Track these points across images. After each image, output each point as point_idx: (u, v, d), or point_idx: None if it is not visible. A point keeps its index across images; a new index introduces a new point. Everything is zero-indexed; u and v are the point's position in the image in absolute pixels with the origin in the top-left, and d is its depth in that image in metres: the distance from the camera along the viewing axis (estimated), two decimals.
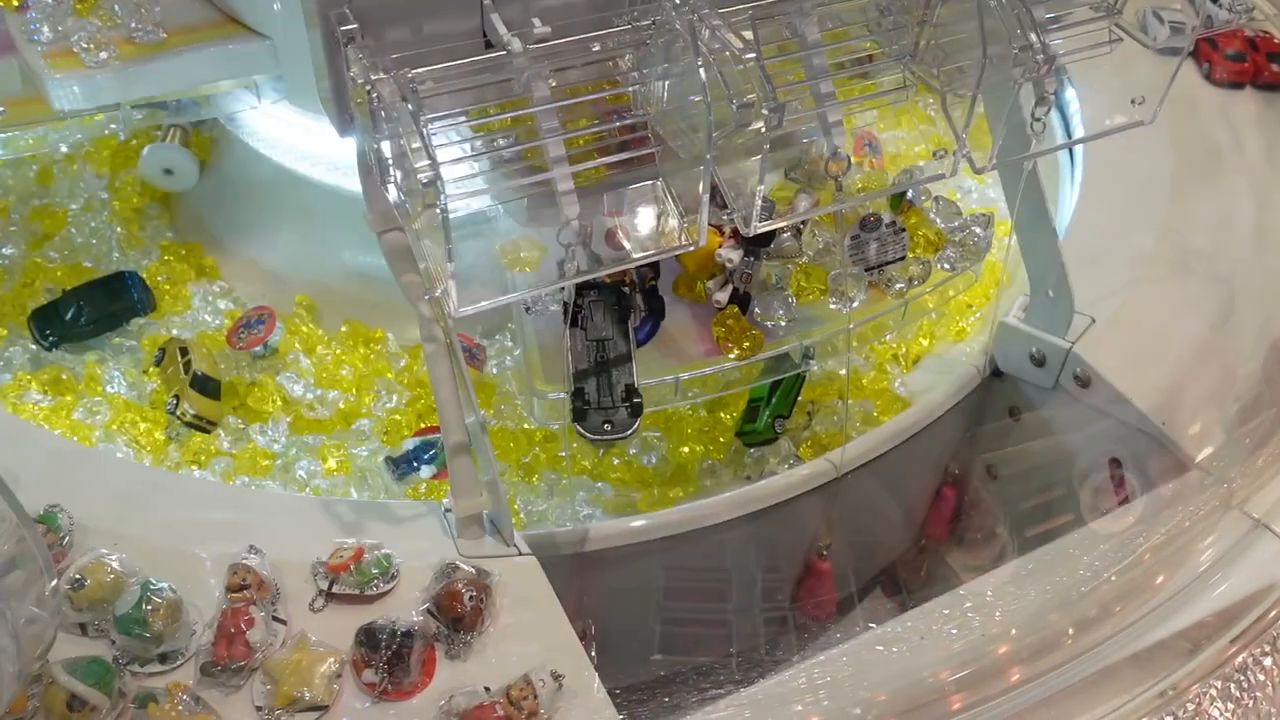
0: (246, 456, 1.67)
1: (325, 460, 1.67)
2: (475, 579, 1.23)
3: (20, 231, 1.93)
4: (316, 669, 1.16)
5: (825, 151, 1.32)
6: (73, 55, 1.50)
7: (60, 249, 1.91)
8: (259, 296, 1.89)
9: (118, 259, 1.90)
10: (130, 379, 1.74)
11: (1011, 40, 1.23)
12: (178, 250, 1.94)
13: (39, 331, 1.77)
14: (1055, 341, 1.64)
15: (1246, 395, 1.60)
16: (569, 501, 1.63)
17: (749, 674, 1.43)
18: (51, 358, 1.77)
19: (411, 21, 1.15)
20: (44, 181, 2.01)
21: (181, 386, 1.65)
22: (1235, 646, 1.30)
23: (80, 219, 1.97)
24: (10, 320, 1.80)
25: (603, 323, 1.38)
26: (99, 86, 1.53)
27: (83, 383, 1.73)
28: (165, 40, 1.55)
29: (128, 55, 1.52)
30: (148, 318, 1.82)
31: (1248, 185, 1.92)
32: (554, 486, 1.67)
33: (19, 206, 1.97)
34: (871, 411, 1.77)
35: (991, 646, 1.29)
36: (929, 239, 1.56)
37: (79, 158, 2.04)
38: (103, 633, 1.18)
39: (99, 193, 1.99)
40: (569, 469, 1.67)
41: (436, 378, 1.27)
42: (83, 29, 1.50)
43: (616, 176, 1.25)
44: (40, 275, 1.86)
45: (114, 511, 1.30)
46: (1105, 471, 1.61)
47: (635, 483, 1.69)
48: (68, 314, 1.76)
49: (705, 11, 1.12)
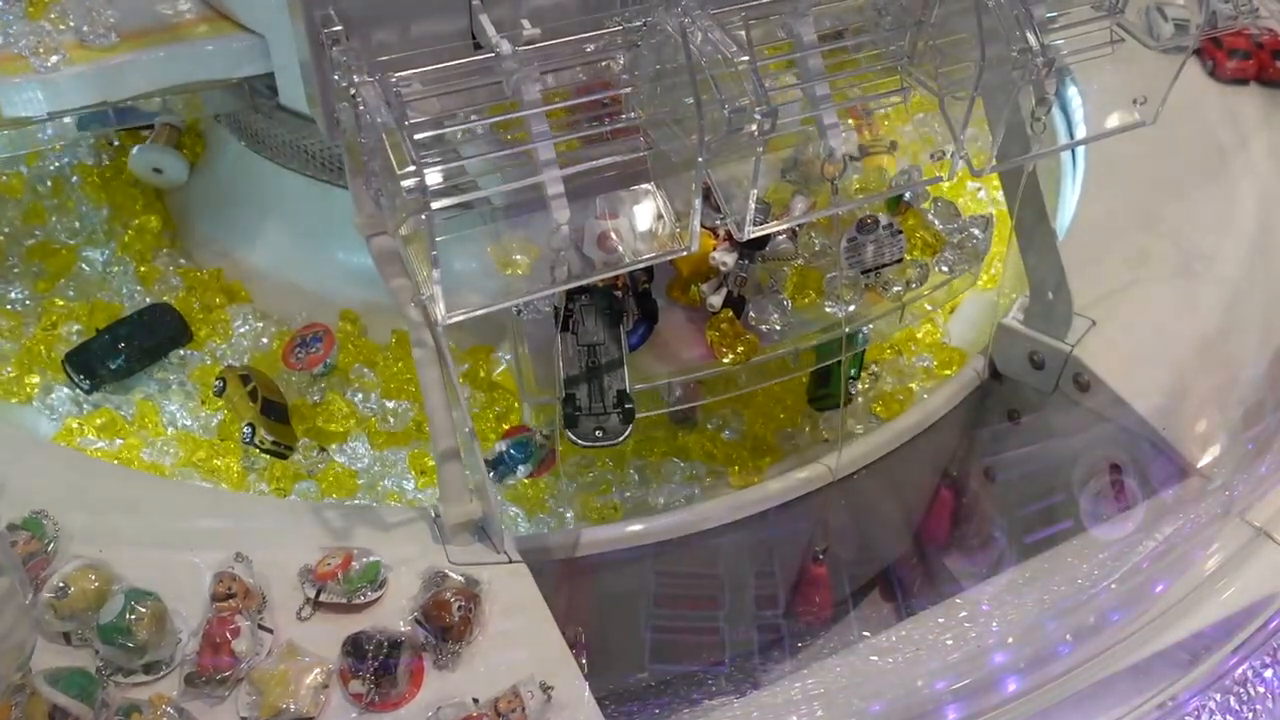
0: (331, 478, 1.63)
1: (417, 471, 1.65)
2: (464, 588, 1.22)
3: (22, 272, 1.85)
4: (303, 680, 1.15)
5: (821, 153, 1.30)
6: (22, 59, 1.47)
7: (72, 287, 1.84)
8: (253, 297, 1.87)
9: (139, 292, 1.84)
10: (192, 413, 1.69)
11: (1010, 42, 1.20)
12: (198, 276, 1.87)
13: (78, 374, 1.68)
14: (1055, 344, 1.62)
15: (1249, 400, 1.58)
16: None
17: (742, 683, 1.42)
18: (94, 400, 1.70)
19: (398, 23, 1.13)
20: (34, 220, 1.93)
21: (253, 414, 1.59)
22: (1236, 658, 1.28)
23: (87, 255, 1.89)
24: (39, 365, 1.71)
25: (594, 327, 1.36)
26: (52, 92, 1.49)
27: (133, 422, 1.66)
28: (118, 44, 1.51)
29: (77, 60, 1.50)
30: (187, 348, 1.77)
31: (1251, 184, 1.90)
32: (646, 468, 1.68)
33: (12, 247, 1.89)
34: (931, 365, 1.78)
35: (987, 657, 1.28)
36: (927, 241, 1.54)
37: (76, 189, 1.97)
38: (86, 642, 1.16)
39: (94, 224, 1.93)
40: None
41: (426, 383, 1.25)
42: (32, 33, 1.47)
43: (608, 179, 1.23)
44: (61, 316, 1.78)
45: (100, 517, 1.28)
46: (1105, 477, 1.59)
47: (723, 459, 1.68)
48: (107, 353, 1.69)
49: (698, 13, 1.10)
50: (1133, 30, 1.38)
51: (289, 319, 1.82)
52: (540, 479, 1.62)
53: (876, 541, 1.80)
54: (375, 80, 1.00)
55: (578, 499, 1.64)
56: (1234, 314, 1.68)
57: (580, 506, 1.63)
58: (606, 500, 1.63)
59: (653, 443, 1.69)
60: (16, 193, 1.94)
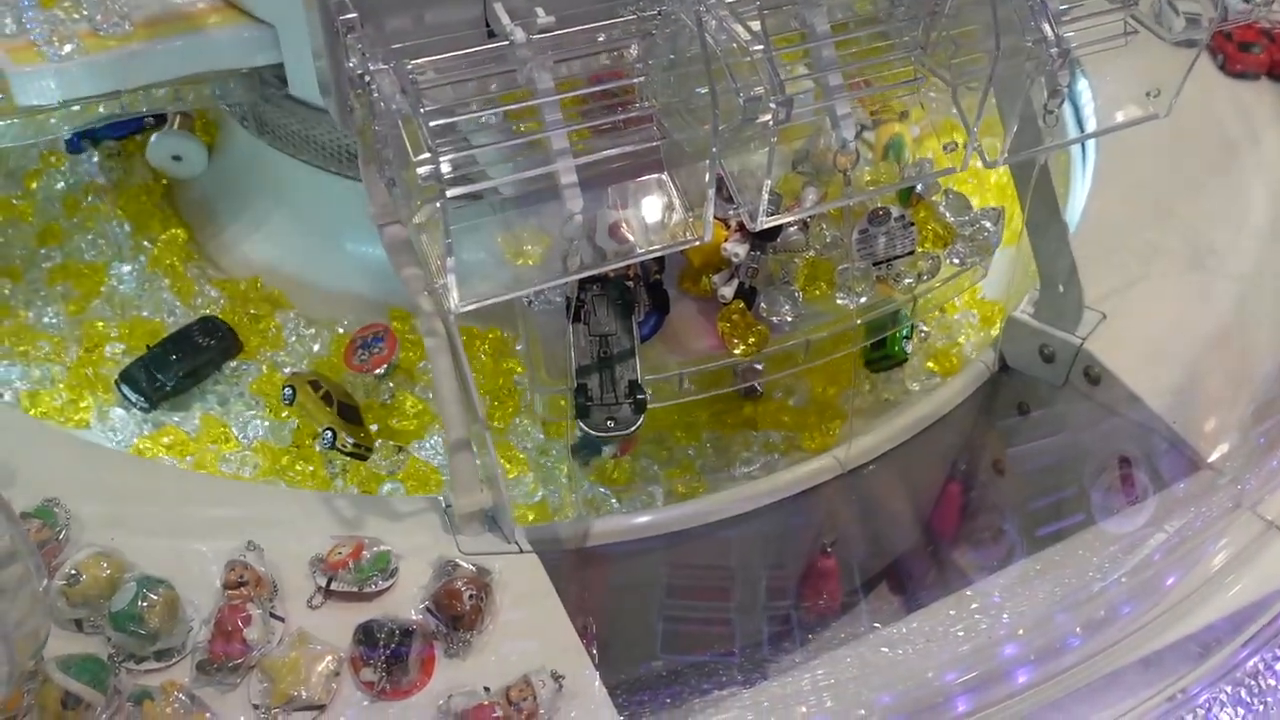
0: (415, 476, 1.63)
1: (506, 461, 1.65)
2: (475, 577, 1.22)
3: (49, 294, 1.82)
4: (314, 667, 1.15)
5: (834, 144, 1.29)
6: (35, 48, 1.47)
7: (107, 306, 1.81)
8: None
9: (178, 307, 1.82)
10: (268, 423, 1.68)
11: (1025, 32, 1.20)
12: (236, 288, 1.86)
13: (134, 393, 1.65)
14: (1065, 337, 1.62)
15: (1261, 394, 1.57)
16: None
17: (752, 674, 1.42)
18: (153, 419, 1.65)
19: (412, 10, 1.13)
20: (50, 241, 1.90)
21: (331, 419, 1.59)
22: (1246, 650, 1.28)
23: (116, 272, 1.87)
24: (88, 389, 1.68)
25: (606, 318, 1.36)
26: (66, 80, 1.48)
27: (198, 437, 1.65)
28: (132, 33, 1.52)
29: (92, 49, 1.49)
30: (237, 359, 1.75)
31: (1263, 178, 1.90)
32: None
33: (30, 270, 1.87)
34: (975, 321, 1.81)
35: (998, 649, 1.28)
36: (938, 233, 1.54)
37: (93, 207, 1.94)
38: (98, 629, 1.16)
39: (117, 240, 1.90)
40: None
41: (437, 373, 1.25)
42: (46, 21, 1.47)
43: (621, 169, 1.23)
44: (101, 337, 1.75)
45: (112, 506, 1.28)
46: (1115, 471, 1.59)
47: (795, 425, 1.70)
48: (162, 370, 1.66)
49: (712, 2, 1.10)
50: (1145, 22, 1.37)
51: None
52: (623, 460, 1.64)
53: (886, 534, 1.80)
54: (390, 67, 1.00)
55: (663, 475, 1.66)
56: (1245, 308, 1.68)
57: (666, 482, 1.65)
58: (688, 478, 1.66)
59: (724, 416, 1.71)
60: (26, 216, 1.91)
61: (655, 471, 1.68)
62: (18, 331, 1.74)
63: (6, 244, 1.88)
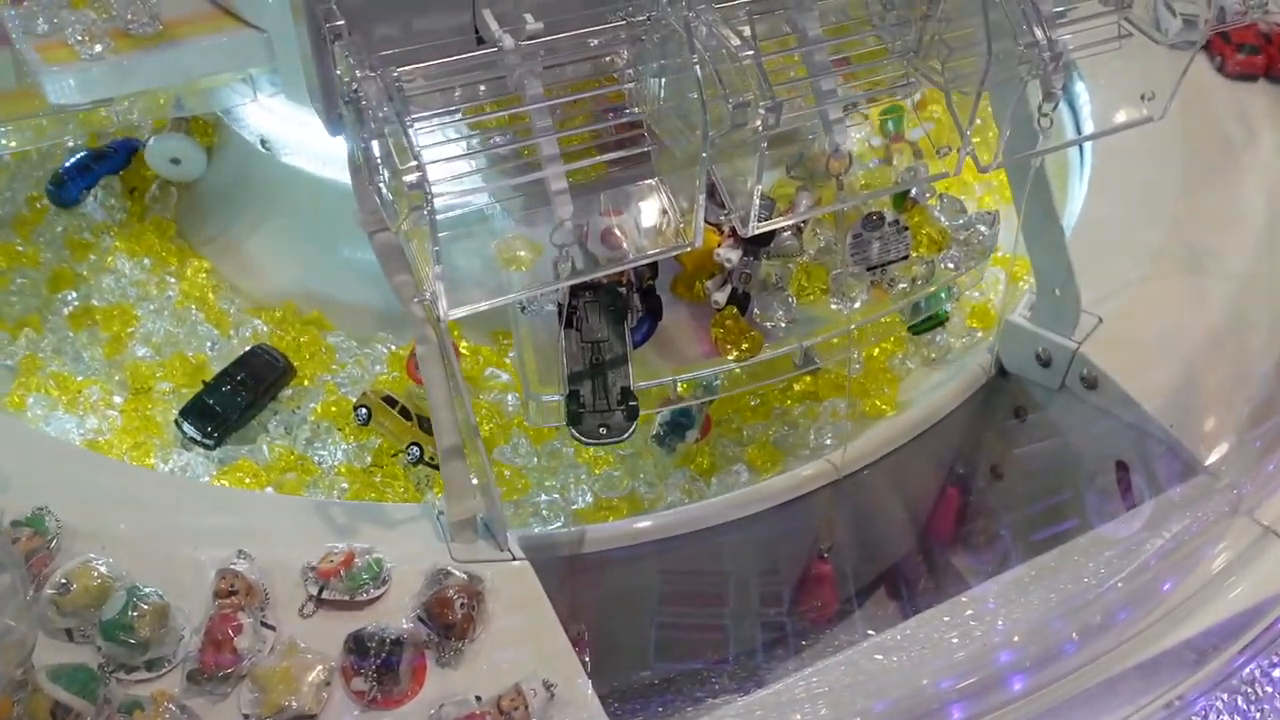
0: (503, 480, 1.63)
1: (589, 459, 1.66)
2: (467, 585, 1.21)
3: (76, 340, 1.78)
4: (305, 677, 1.15)
5: (826, 149, 1.29)
6: (67, 48, 1.48)
7: (144, 345, 1.78)
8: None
9: (216, 338, 1.79)
10: (345, 446, 1.66)
11: (1018, 36, 1.19)
12: (273, 314, 1.83)
13: (199, 430, 1.64)
14: (1061, 341, 1.61)
15: (1258, 397, 1.56)
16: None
17: (746, 682, 1.42)
18: (218, 455, 1.65)
19: (401, 17, 1.12)
20: (63, 286, 1.86)
21: (414, 434, 1.59)
22: (1243, 657, 1.27)
23: (145, 309, 1.84)
24: (145, 432, 1.66)
25: (598, 324, 1.36)
26: (93, 80, 1.50)
27: (269, 467, 1.62)
28: (161, 32, 1.52)
29: (123, 48, 1.50)
30: (291, 384, 1.74)
31: (1260, 180, 1.89)
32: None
33: (48, 316, 1.82)
34: (1003, 276, 1.82)
35: (993, 655, 1.27)
36: (933, 238, 1.53)
37: (109, 248, 1.90)
38: (88, 638, 1.16)
39: (137, 277, 1.87)
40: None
41: (429, 380, 1.25)
42: (78, 21, 1.48)
43: (612, 175, 1.23)
44: (148, 377, 1.73)
45: (103, 514, 1.28)
46: (1112, 475, 1.58)
47: (858, 392, 1.73)
48: (224, 404, 1.64)
49: (702, 6, 1.09)
50: (1140, 25, 1.37)
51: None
52: (704, 443, 1.67)
53: (882, 539, 1.80)
54: (377, 75, 1.00)
55: (744, 454, 1.69)
56: (1242, 310, 1.67)
57: (748, 458, 1.69)
58: (766, 454, 1.69)
59: (786, 391, 1.74)
60: (33, 263, 1.88)
61: (736, 452, 1.71)
62: (60, 382, 1.70)
63: (18, 292, 1.85)
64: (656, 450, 1.68)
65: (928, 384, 1.77)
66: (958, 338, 1.80)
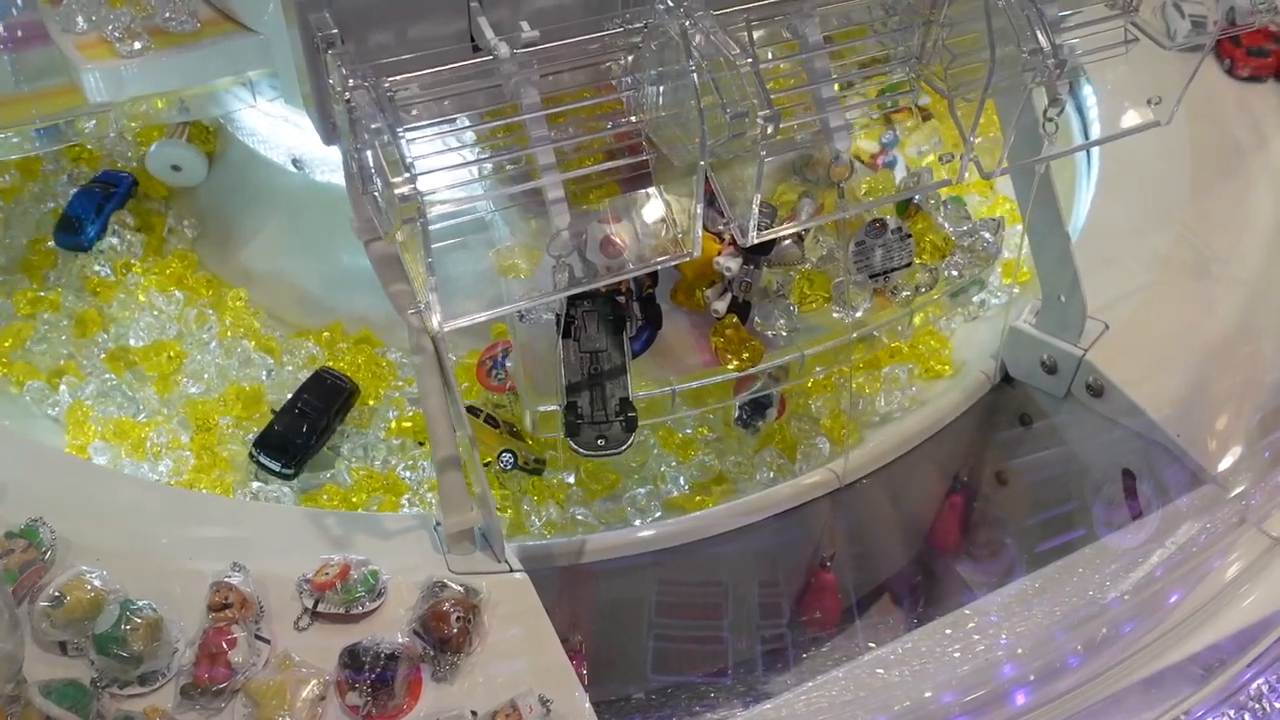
0: (590, 481, 1.63)
1: (674, 448, 1.67)
2: (463, 598, 1.20)
3: (119, 382, 1.72)
4: (299, 692, 1.14)
5: (828, 156, 1.27)
6: (107, 44, 1.47)
7: (196, 381, 1.74)
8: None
9: (270, 365, 1.75)
10: (428, 460, 1.62)
11: (1021, 42, 1.17)
12: (320, 336, 1.80)
13: (278, 461, 1.60)
14: (1067, 349, 1.59)
15: (1267, 405, 1.54)
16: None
17: (745, 695, 1.40)
18: (302, 482, 1.62)
19: (395, 25, 1.11)
20: (93, 329, 1.80)
21: (505, 441, 1.57)
22: (1250, 672, 1.25)
23: (190, 344, 1.79)
24: (216, 469, 1.63)
25: (596, 334, 1.34)
26: (122, 78, 1.48)
27: (354, 489, 1.61)
28: (200, 30, 1.50)
29: (160, 45, 1.49)
30: (358, 405, 1.71)
31: (1269, 183, 1.87)
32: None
33: (84, 362, 1.76)
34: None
35: (996, 669, 1.25)
36: (936, 245, 1.51)
37: (139, 287, 1.84)
38: (82, 651, 1.15)
39: (174, 313, 1.81)
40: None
41: (425, 390, 1.23)
42: (117, 19, 1.47)
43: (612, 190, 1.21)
44: (209, 413, 1.69)
45: (99, 525, 1.27)
46: (1118, 484, 1.56)
47: (913, 357, 1.75)
48: (297, 433, 1.61)
49: (700, 14, 1.08)
50: (1146, 29, 1.35)
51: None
52: (781, 420, 1.69)
53: (886, 547, 1.78)
54: (369, 85, 0.98)
55: (821, 425, 1.71)
56: (1251, 317, 1.64)
57: (825, 429, 1.71)
58: (843, 427, 1.69)
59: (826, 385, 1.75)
60: (56, 307, 1.82)
61: (812, 425, 1.71)
62: (120, 428, 1.66)
63: (45, 339, 1.78)
64: (741, 432, 1.68)
65: (932, 391, 1.75)
66: (994, 296, 1.80)
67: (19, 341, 1.76)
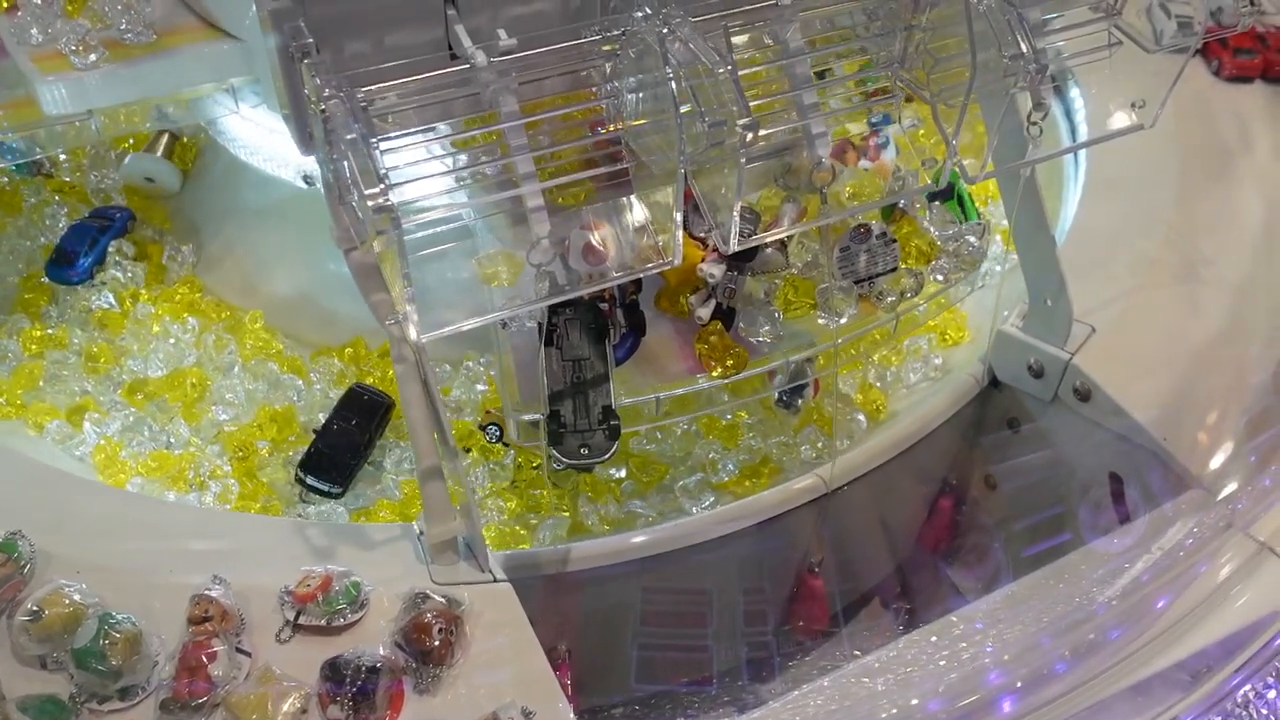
0: (639, 474, 1.64)
1: (723, 438, 1.68)
2: (445, 610, 1.19)
3: (141, 415, 1.69)
4: (280, 706, 1.13)
5: (810, 162, 1.27)
6: (62, 57, 1.46)
7: (226, 407, 1.71)
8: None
9: (300, 387, 1.73)
10: (483, 466, 1.62)
11: (1002, 47, 1.17)
12: (343, 352, 1.78)
13: (327, 481, 1.59)
14: (1054, 352, 1.59)
15: (1253, 409, 1.54)
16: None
17: (730, 705, 1.39)
18: (352, 501, 1.61)
19: (372, 34, 1.10)
20: (107, 363, 1.76)
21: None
22: (1238, 678, 1.25)
23: (210, 371, 1.76)
24: (258, 494, 1.62)
25: (579, 342, 1.33)
26: (86, 89, 1.48)
27: (403, 503, 1.60)
28: (157, 41, 1.50)
29: (117, 57, 1.48)
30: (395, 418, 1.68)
31: (1257, 185, 1.86)
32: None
33: (104, 399, 1.72)
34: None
35: (982, 677, 1.25)
36: (921, 249, 1.51)
37: (153, 317, 1.81)
38: (61, 666, 1.14)
39: (191, 341, 1.78)
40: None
41: (407, 399, 1.23)
42: (72, 31, 1.46)
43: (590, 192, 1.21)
44: (247, 440, 1.66)
45: (78, 538, 1.26)
46: (1105, 487, 1.56)
47: (932, 327, 1.77)
48: (342, 453, 1.60)
49: (677, 21, 1.07)
50: (1131, 32, 1.34)
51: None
52: (817, 398, 1.69)
53: (873, 553, 1.77)
54: (342, 95, 0.97)
55: (856, 399, 1.73)
56: (1238, 320, 1.64)
57: (859, 404, 1.73)
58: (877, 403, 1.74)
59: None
60: (63, 344, 1.77)
61: (847, 401, 1.73)
62: (160, 461, 1.63)
63: (56, 378, 1.73)
64: (782, 413, 1.68)
65: (919, 395, 1.74)
66: (996, 264, 1.80)
67: (31, 383, 1.71)
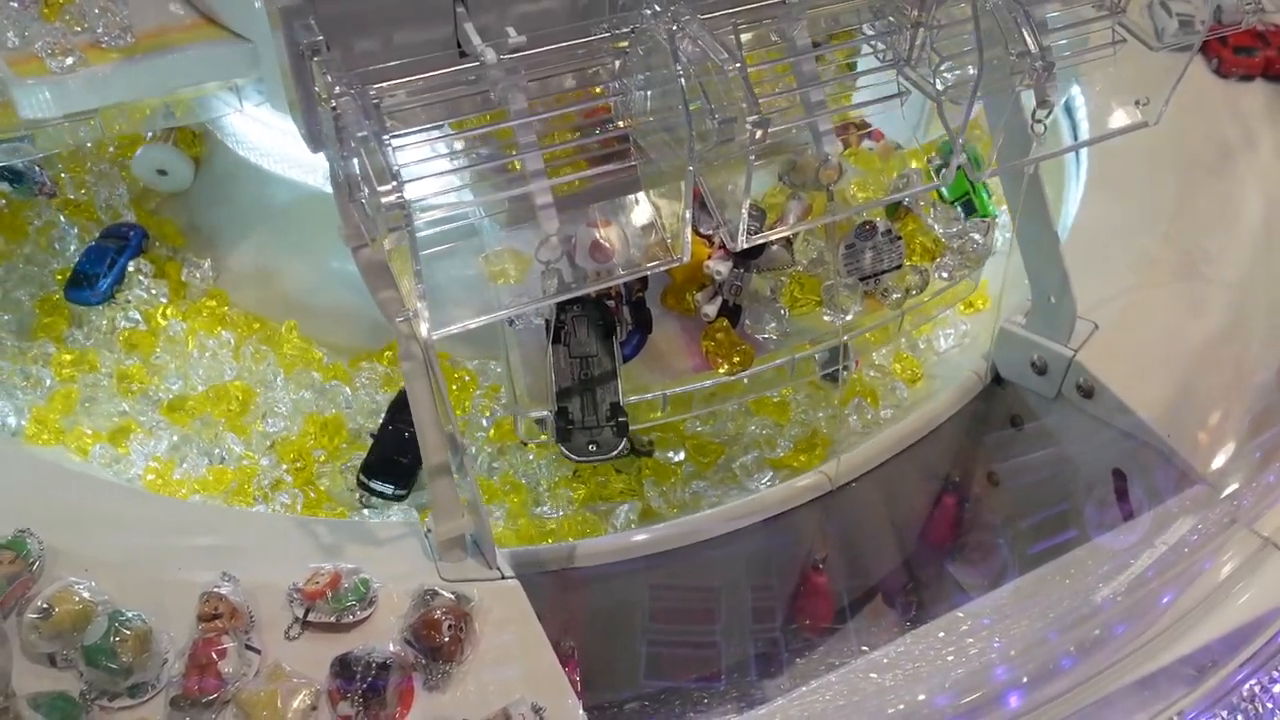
0: (697, 455, 1.65)
1: (777, 415, 1.70)
2: (454, 606, 1.20)
3: (186, 432, 1.69)
4: (290, 702, 1.13)
5: (816, 159, 1.27)
6: (38, 60, 1.46)
7: (275, 419, 1.71)
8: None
9: (346, 395, 1.73)
10: (543, 461, 1.63)
11: (1009, 45, 1.17)
12: (382, 355, 1.78)
13: (391, 484, 1.59)
14: (1057, 349, 1.59)
15: (1257, 405, 1.54)
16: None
17: (738, 700, 1.40)
18: (414, 501, 1.61)
19: (381, 32, 1.10)
20: (139, 385, 1.74)
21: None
22: (1243, 672, 1.25)
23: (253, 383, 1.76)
24: (322, 501, 1.63)
25: (586, 339, 1.34)
26: (69, 92, 1.48)
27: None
28: (134, 44, 1.50)
29: (95, 60, 1.48)
30: None
31: (1258, 182, 1.87)
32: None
33: (141, 415, 1.70)
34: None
35: (989, 672, 1.25)
36: (926, 247, 1.51)
37: (185, 335, 1.80)
38: (71, 663, 1.14)
39: (227, 355, 1.78)
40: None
41: (414, 397, 1.23)
42: (47, 34, 1.46)
43: (599, 188, 1.21)
44: (303, 448, 1.67)
45: (87, 536, 1.26)
46: (1109, 484, 1.56)
47: (953, 298, 1.71)
48: (401, 455, 1.59)
49: (687, 18, 1.07)
50: (1134, 30, 1.35)
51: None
52: (858, 371, 1.72)
53: (878, 550, 1.78)
54: (354, 93, 0.97)
55: (894, 369, 1.76)
56: (1241, 316, 1.64)
57: (898, 374, 1.77)
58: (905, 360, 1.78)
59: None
60: (94, 365, 1.75)
61: (884, 373, 1.76)
62: (217, 476, 1.63)
63: (93, 400, 1.71)
64: (829, 386, 1.70)
65: (923, 392, 1.75)
66: (1004, 233, 1.77)
67: (68, 408, 1.69)
